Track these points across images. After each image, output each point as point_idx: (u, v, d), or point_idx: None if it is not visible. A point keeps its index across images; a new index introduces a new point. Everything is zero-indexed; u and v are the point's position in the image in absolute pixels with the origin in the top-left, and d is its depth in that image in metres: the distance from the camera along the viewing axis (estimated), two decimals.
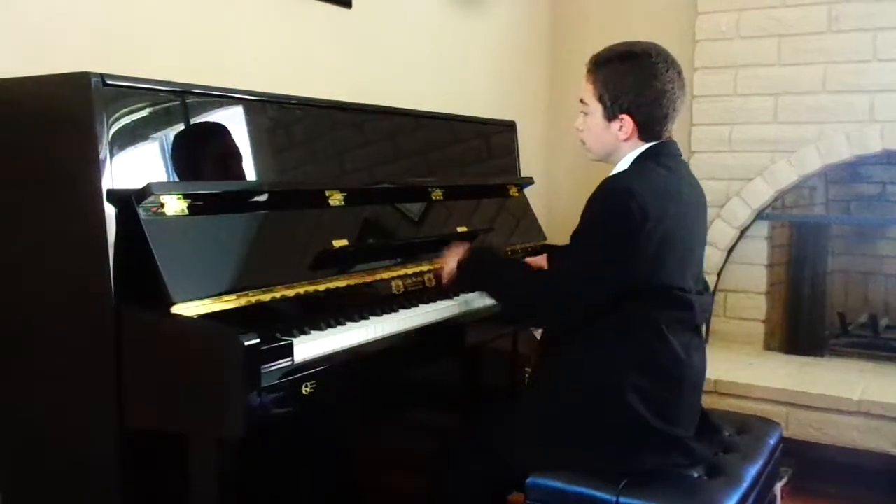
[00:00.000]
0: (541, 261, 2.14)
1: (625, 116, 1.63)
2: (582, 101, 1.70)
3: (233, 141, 1.70)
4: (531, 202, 2.59)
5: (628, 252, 1.53)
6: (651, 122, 1.64)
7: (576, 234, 1.62)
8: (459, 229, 2.19)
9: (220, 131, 1.68)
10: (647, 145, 1.65)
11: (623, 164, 1.67)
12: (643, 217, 1.52)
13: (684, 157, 1.62)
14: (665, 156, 1.65)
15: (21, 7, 1.67)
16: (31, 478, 1.62)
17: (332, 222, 1.81)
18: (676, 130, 1.70)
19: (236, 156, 1.70)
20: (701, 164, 3.23)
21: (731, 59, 3.19)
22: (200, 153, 1.63)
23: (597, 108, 1.66)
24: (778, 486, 2.30)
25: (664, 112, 1.63)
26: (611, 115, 1.64)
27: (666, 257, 1.56)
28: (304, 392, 1.45)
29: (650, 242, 1.53)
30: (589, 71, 1.68)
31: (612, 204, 1.55)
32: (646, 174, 1.61)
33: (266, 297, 1.55)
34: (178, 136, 1.59)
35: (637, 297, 1.57)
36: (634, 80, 1.61)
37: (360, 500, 2.10)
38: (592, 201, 1.59)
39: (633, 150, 1.66)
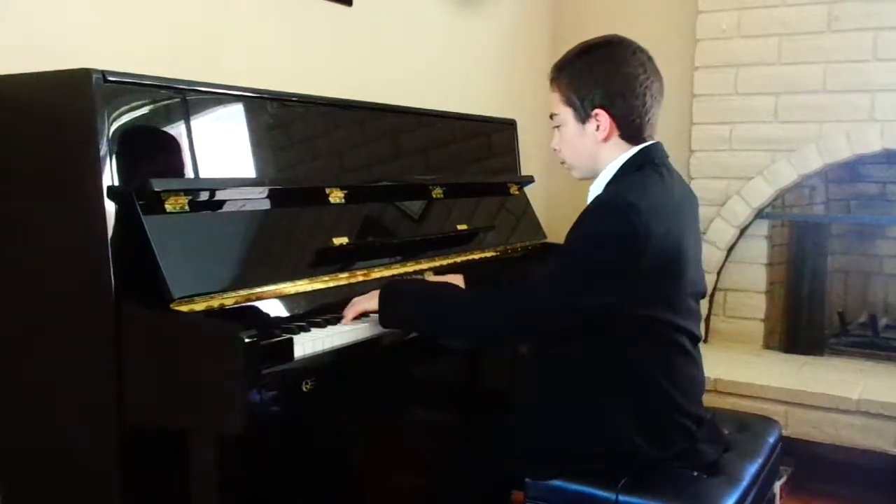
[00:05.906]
0: (455, 279, 1.89)
1: (599, 112, 1.50)
2: (551, 116, 1.57)
3: (233, 138, 1.70)
4: (531, 201, 2.59)
5: (624, 271, 1.40)
6: (629, 115, 1.50)
7: (561, 251, 1.48)
8: (459, 227, 2.19)
9: (220, 128, 1.68)
10: (634, 149, 1.52)
11: (608, 173, 1.53)
12: (646, 235, 1.39)
13: (684, 156, 1.58)
14: (658, 161, 1.53)
15: (21, 3, 1.66)
16: (31, 477, 1.61)
17: (332, 220, 1.81)
18: (677, 130, 1.66)
19: (237, 153, 1.70)
20: (701, 164, 3.22)
21: (731, 59, 3.19)
22: (201, 150, 1.62)
23: (567, 114, 1.54)
24: (777, 485, 2.30)
25: (641, 101, 1.50)
26: (583, 116, 1.52)
27: (662, 283, 1.46)
28: (303, 389, 1.45)
29: (648, 263, 1.41)
30: (552, 80, 1.57)
31: (613, 218, 1.41)
32: (644, 186, 1.46)
33: (266, 294, 1.56)
34: (178, 133, 1.59)
35: (628, 341, 1.48)
36: (599, 71, 1.50)
37: (360, 498, 2.09)
38: (586, 216, 1.45)
39: (619, 156, 1.53)
